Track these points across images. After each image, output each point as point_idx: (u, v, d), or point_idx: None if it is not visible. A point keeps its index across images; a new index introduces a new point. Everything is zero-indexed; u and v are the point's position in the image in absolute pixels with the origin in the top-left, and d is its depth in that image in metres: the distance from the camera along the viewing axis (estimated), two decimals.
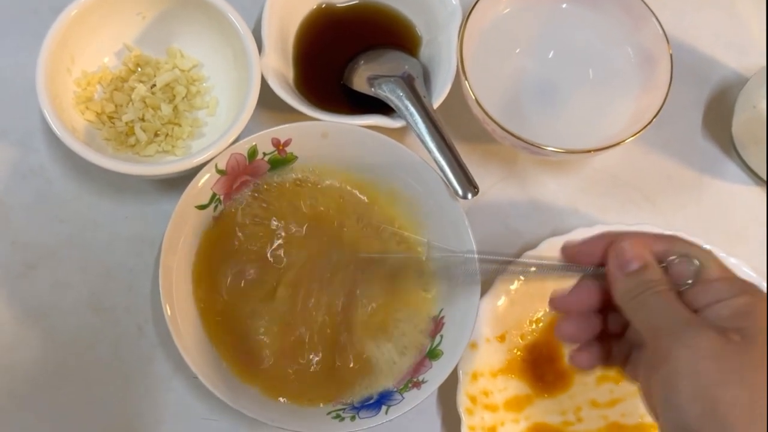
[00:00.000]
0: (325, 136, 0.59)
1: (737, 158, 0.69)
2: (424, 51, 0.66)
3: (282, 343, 0.58)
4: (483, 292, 0.58)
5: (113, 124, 0.62)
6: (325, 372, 0.58)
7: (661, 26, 0.62)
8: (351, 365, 0.58)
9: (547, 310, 0.52)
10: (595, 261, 0.48)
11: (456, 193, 0.56)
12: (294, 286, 0.59)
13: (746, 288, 0.43)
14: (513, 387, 0.61)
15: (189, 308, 0.56)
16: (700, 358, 0.40)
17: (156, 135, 0.62)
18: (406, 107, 0.59)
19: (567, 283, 0.49)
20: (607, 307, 0.48)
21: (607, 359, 0.49)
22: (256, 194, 0.60)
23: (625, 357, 0.48)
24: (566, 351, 0.54)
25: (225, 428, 0.60)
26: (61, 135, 0.55)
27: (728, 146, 0.70)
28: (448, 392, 0.59)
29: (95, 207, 0.63)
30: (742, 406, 0.39)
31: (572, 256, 0.49)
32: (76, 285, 0.61)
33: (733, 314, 0.42)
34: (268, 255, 0.59)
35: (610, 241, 0.47)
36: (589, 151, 0.59)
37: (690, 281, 0.44)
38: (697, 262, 0.44)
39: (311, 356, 0.58)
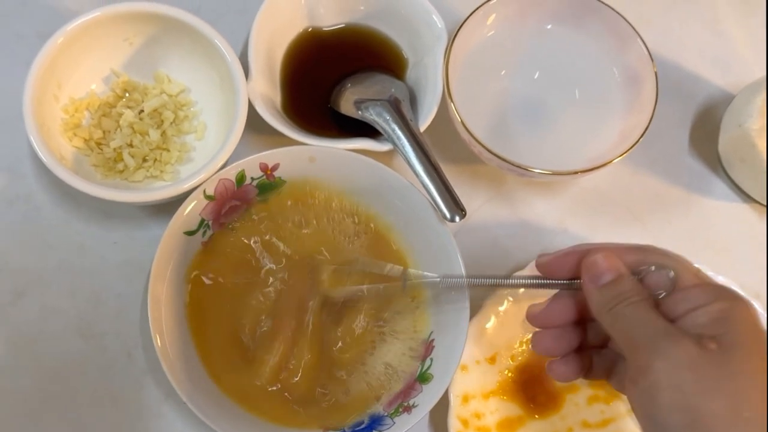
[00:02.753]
0: (312, 160, 0.59)
1: (724, 176, 0.70)
2: (410, 74, 0.66)
3: (276, 369, 0.58)
4: (472, 314, 0.58)
5: (101, 150, 0.62)
6: (318, 398, 0.58)
7: (645, 46, 0.63)
8: (343, 390, 0.58)
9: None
10: (569, 275, 0.48)
11: (444, 216, 0.56)
12: (287, 313, 0.59)
13: (722, 294, 0.43)
14: (504, 408, 0.61)
15: (180, 334, 0.56)
16: (678, 370, 0.40)
17: (144, 160, 0.62)
18: (393, 131, 0.59)
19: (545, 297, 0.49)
20: (586, 319, 0.48)
21: (589, 371, 0.49)
22: (246, 220, 0.60)
23: (609, 369, 0.48)
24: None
25: None
26: (48, 163, 0.55)
27: (715, 164, 0.70)
28: (439, 415, 0.59)
29: (84, 232, 0.63)
30: (724, 416, 0.39)
31: (546, 270, 0.49)
32: (65, 311, 0.61)
33: (710, 321, 0.41)
34: (260, 281, 0.59)
35: (584, 253, 0.47)
36: (576, 173, 0.60)
37: (665, 291, 0.44)
38: (671, 271, 0.44)
39: (305, 382, 0.58)
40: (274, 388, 0.57)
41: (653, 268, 0.45)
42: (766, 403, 0.39)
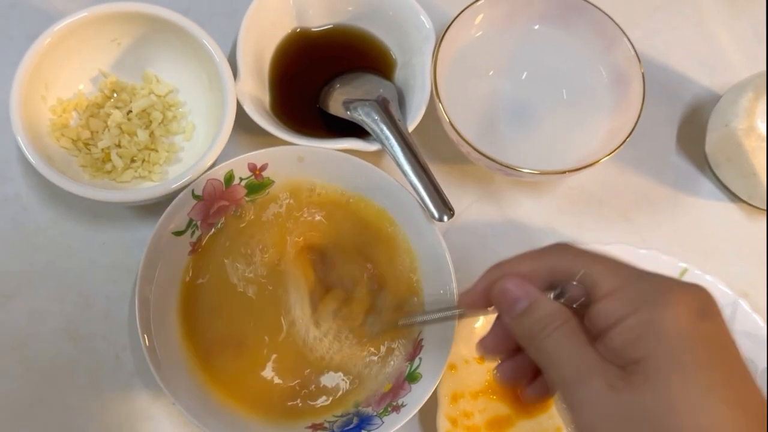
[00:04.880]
0: (301, 160, 0.59)
1: (711, 175, 0.70)
2: (398, 74, 0.66)
3: (265, 368, 0.58)
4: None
5: (89, 150, 0.62)
6: (307, 396, 0.58)
7: (632, 46, 0.63)
8: (331, 388, 0.58)
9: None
10: (488, 304, 0.44)
11: (432, 215, 0.56)
12: (274, 311, 0.59)
13: (645, 298, 0.37)
14: (493, 408, 0.61)
15: (168, 335, 0.56)
16: (591, 417, 0.36)
17: (132, 161, 0.62)
18: (382, 130, 0.59)
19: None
20: None
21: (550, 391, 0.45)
22: (234, 220, 0.60)
23: None
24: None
25: None
26: (35, 163, 0.55)
27: (702, 163, 0.71)
28: (428, 415, 0.59)
29: (72, 234, 0.62)
30: None
31: (467, 303, 0.45)
32: (53, 313, 0.61)
33: (623, 343, 0.36)
34: (250, 280, 0.59)
35: (494, 281, 0.42)
36: (563, 172, 0.60)
37: (582, 300, 0.40)
38: (587, 281, 0.40)
39: (294, 380, 0.58)
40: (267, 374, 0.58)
41: (567, 279, 0.41)
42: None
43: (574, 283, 0.40)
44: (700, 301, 0.37)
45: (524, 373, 0.45)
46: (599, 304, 0.38)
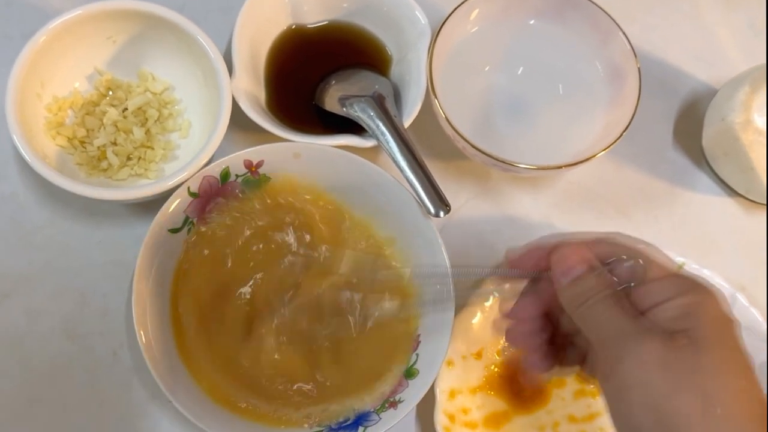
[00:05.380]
0: (297, 156, 0.59)
1: (708, 170, 0.70)
2: (394, 70, 0.66)
3: (259, 368, 0.58)
4: (458, 310, 0.58)
5: (85, 148, 0.62)
6: (302, 395, 0.58)
7: (628, 41, 0.63)
8: (326, 387, 0.58)
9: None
10: (539, 267, 0.47)
11: (428, 211, 0.56)
12: (272, 308, 0.59)
13: (690, 286, 0.42)
14: (491, 403, 0.61)
15: (165, 332, 0.56)
16: (646, 369, 0.40)
17: (128, 159, 0.62)
18: (378, 127, 0.59)
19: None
20: (557, 309, 0.48)
21: (563, 360, 0.49)
22: (231, 216, 0.60)
23: (582, 356, 0.48)
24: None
25: None
26: (31, 161, 0.55)
27: (699, 158, 0.71)
28: (425, 411, 0.59)
29: (68, 232, 0.62)
30: (694, 413, 0.38)
31: (516, 263, 0.49)
32: (51, 312, 0.61)
33: (678, 315, 0.41)
34: (245, 279, 0.59)
35: (552, 246, 0.46)
36: (560, 167, 0.60)
37: (634, 282, 0.44)
38: (641, 262, 0.44)
39: (288, 380, 0.58)
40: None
41: (622, 259, 0.44)
42: (738, 398, 0.38)
43: (625, 265, 0.44)
44: (726, 303, 0.43)
45: (535, 340, 0.48)
46: (652, 284, 0.43)
